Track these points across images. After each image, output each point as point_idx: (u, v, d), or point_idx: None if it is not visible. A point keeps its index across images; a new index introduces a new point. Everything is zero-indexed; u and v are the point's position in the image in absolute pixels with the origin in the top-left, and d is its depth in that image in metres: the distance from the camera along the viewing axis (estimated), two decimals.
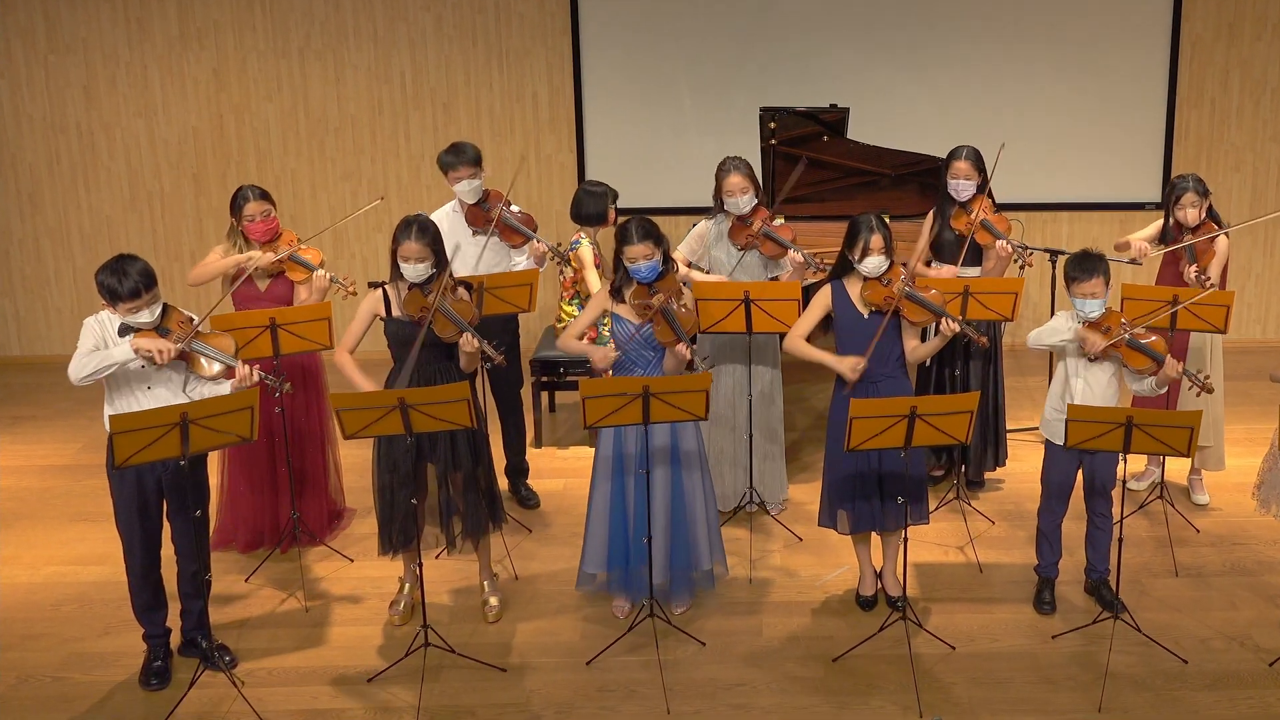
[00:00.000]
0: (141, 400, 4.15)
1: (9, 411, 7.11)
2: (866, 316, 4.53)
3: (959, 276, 5.26)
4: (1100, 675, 4.28)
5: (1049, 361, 4.56)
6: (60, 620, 4.83)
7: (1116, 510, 4.55)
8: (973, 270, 5.39)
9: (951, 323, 4.45)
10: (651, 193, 7.42)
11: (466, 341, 4.37)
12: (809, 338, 4.72)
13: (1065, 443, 4.29)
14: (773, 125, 6.31)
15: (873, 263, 4.48)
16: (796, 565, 5.13)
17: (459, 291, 4.48)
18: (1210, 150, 7.54)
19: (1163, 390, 4.49)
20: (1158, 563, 5.08)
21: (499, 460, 5.39)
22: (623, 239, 4.46)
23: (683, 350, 4.39)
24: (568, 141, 7.60)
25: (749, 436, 5.30)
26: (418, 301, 4.41)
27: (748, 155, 5.35)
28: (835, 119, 6.42)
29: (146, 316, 4.07)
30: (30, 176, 7.68)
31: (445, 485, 4.59)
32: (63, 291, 7.88)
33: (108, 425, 3.93)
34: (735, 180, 5.16)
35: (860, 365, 4.45)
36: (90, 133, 7.61)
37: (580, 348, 4.63)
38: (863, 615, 4.73)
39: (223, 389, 4.18)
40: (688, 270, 5.26)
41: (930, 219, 5.51)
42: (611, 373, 4.67)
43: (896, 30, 7.37)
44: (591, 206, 5.83)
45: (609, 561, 4.67)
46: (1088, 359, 4.44)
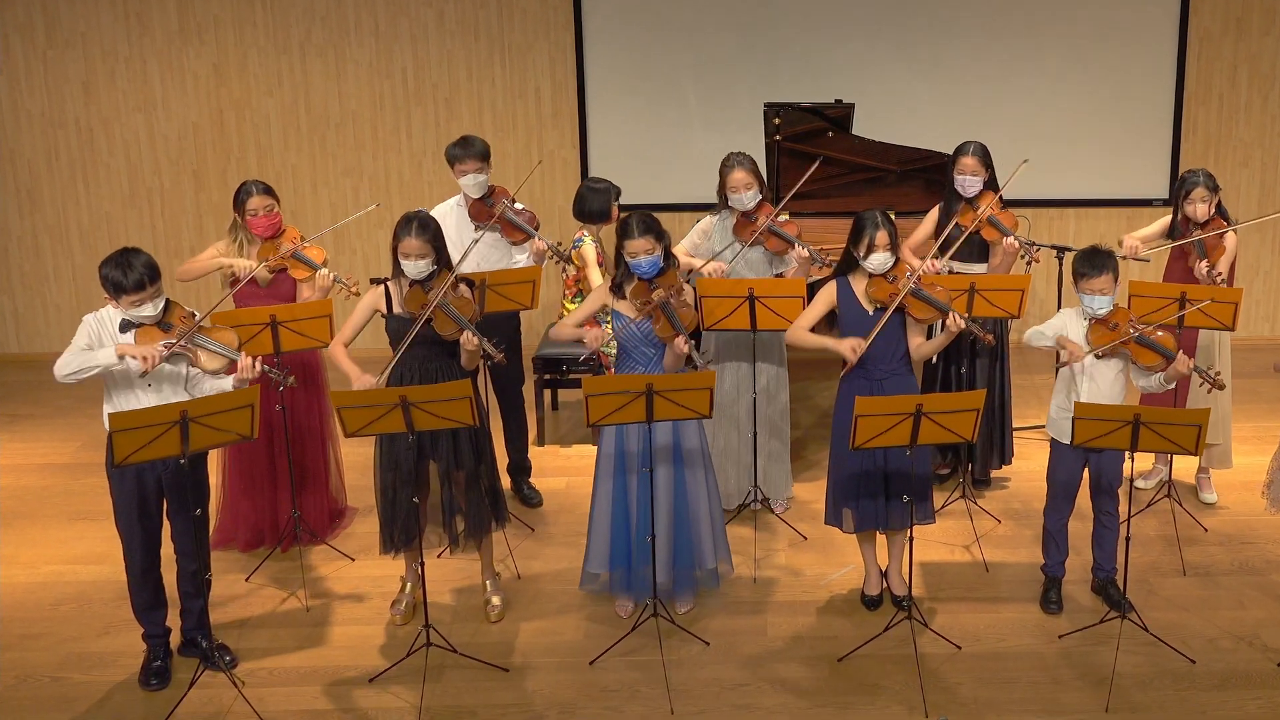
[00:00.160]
0: (141, 398, 4.14)
1: (7, 409, 7.10)
2: (871, 313, 4.52)
3: (964, 273, 5.24)
4: (1107, 675, 4.27)
5: (1055, 359, 4.53)
6: (59, 620, 4.82)
7: (1124, 509, 4.55)
8: (979, 267, 5.38)
9: (958, 319, 4.42)
10: (655, 189, 7.39)
11: (467, 339, 4.35)
12: (815, 332, 4.68)
13: (1072, 441, 4.27)
14: (777, 121, 6.31)
15: (878, 259, 4.47)
16: (801, 564, 5.12)
17: (460, 289, 4.48)
18: (1218, 146, 7.51)
19: (1170, 386, 4.47)
20: (1165, 562, 5.06)
21: (501, 459, 5.37)
22: (624, 234, 4.45)
23: (681, 344, 4.37)
24: (570, 137, 7.59)
25: (753, 434, 5.28)
26: (419, 298, 4.40)
27: (752, 151, 5.35)
28: (840, 114, 6.43)
29: (149, 310, 4.07)
30: (29, 173, 7.66)
31: (447, 484, 4.58)
32: (61, 288, 7.86)
33: (107, 423, 3.93)
34: (739, 176, 5.15)
35: (861, 346, 4.42)
36: (89, 128, 7.59)
37: (574, 333, 4.62)
38: (868, 615, 4.72)
39: (224, 384, 4.17)
40: (693, 260, 5.23)
41: (934, 214, 5.48)
42: (613, 370, 4.64)
43: (902, 24, 7.34)
44: (594, 203, 5.81)
45: (612, 561, 4.66)
46: (1058, 365, 4.44)
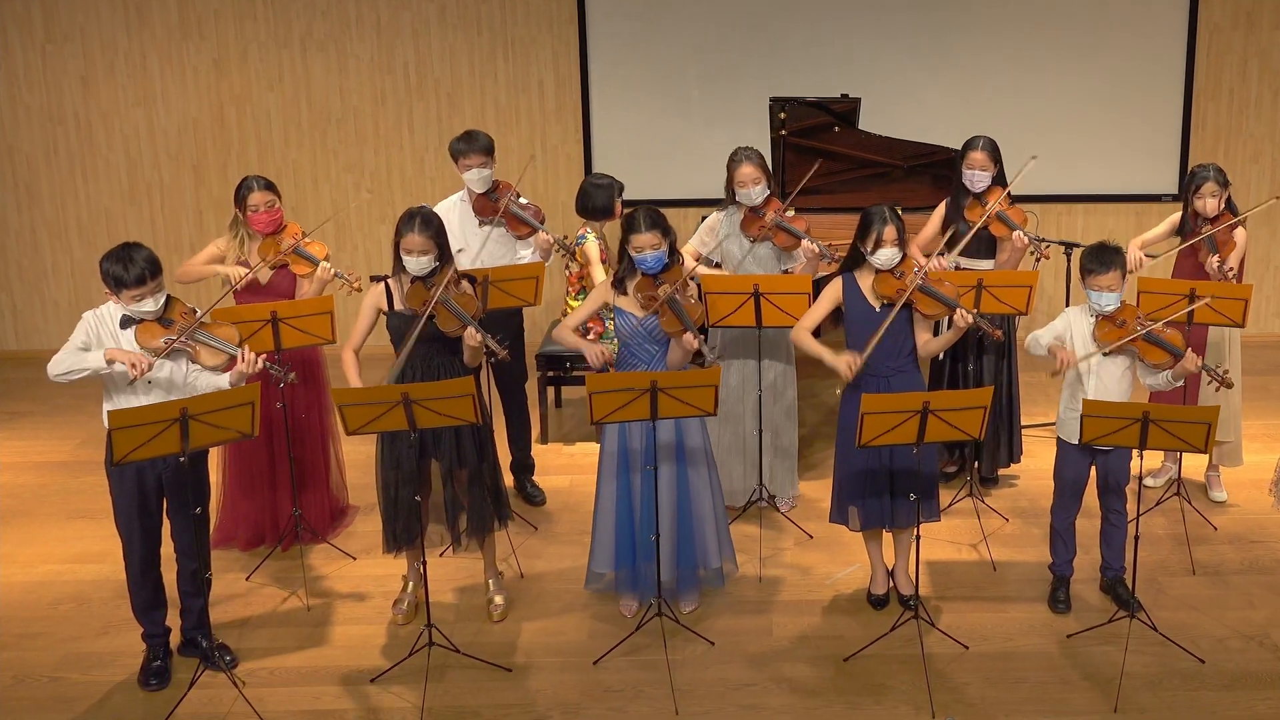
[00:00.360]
0: (141, 396, 4.12)
1: (6, 407, 7.08)
2: (878, 309, 4.49)
3: (970, 269, 5.21)
4: (1116, 675, 4.25)
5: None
6: (58, 619, 4.80)
7: (1132, 507, 4.53)
8: (986, 263, 5.35)
9: (966, 314, 4.40)
10: (659, 184, 7.38)
11: (470, 336, 4.33)
12: (819, 330, 4.67)
13: (1080, 439, 4.25)
14: (783, 116, 6.30)
15: (885, 254, 4.44)
16: (807, 563, 5.10)
17: (462, 285, 4.46)
18: (1228, 141, 7.48)
19: (1179, 383, 4.45)
20: (1174, 561, 5.04)
21: (504, 457, 5.35)
22: (630, 228, 4.43)
23: (690, 340, 4.34)
24: (574, 132, 7.56)
25: (758, 432, 5.25)
26: (420, 295, 4.38)
27: (758, 146, 5.31)
28: (847, 109, 6.42)
29: (150, 305, 4.06)
30: (27, 167, 7.64)
31: (449, 482, 4.56)
32: (60, 284, 7.84)
33: (106, 421, 3.92)
34: (747, 171, 5.12)
35: (857, 363, 4.39)
36: (88, 123, 7.57)
37: (576, 343, 4.60)
38: (874, 614, 4.70)
39: (221, 381, 4.16)
40: (694, 265, 5.19)
41: (942, 210, 5.44)
42: (615, 368, 4.62)
43: (909, 18, 7.32)
44: (597, 200, 5.80)
45: (616, 560, 4.65)
46: (1050, 373, 4.42)
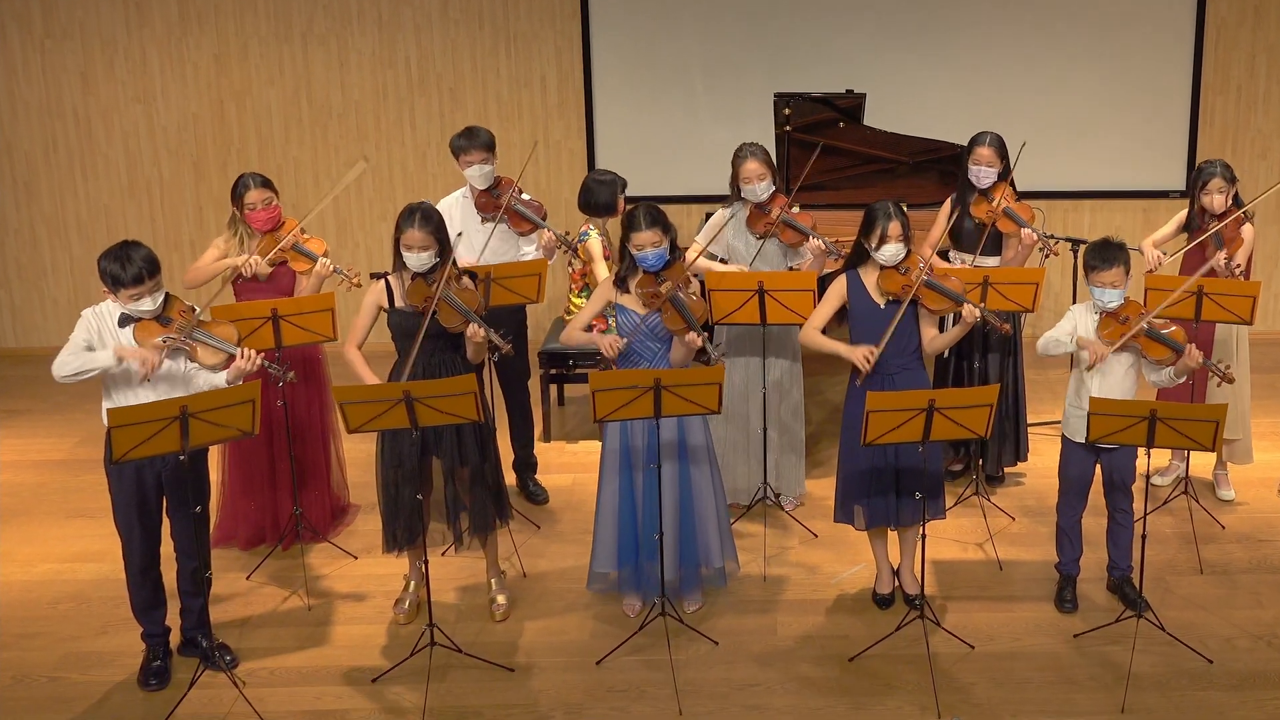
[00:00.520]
0: (140, 393, 4.10)
1: (4, 405, 7.06)
2: (883, 306, 4.47)
3: (976, 266, 5.18)
4: (1123, 675, 4.23)
5: (1070, 362, 4.48)
6: (57, 619, 4.79)
7: (1139, 506, 4.52)
8: (992, 260, 5.33)
9: (974, 309, 4.38)
10: (663, 180, 7.35)
11: (473, 331, 4.32)
12: (825, 329, 4.65)
13: (1086, 437, 4.22)
14: (787, 111, 6.28)
15: (890, 251, 4.41)
16: (812, 562, 5.07)
17: (463, 280, 4.44)
18: (1236, 137, 7.45)
19: (1181, 380, 4.43)
20: (1182, 560, 5.02)
21: (506, 455, 5.33)
22: (630, 225, 4.41)
23: (693, 337, 4.32)
24: (577, 128, 7.54)
25: (763, 430, 5.22)
26: (421, 291, 4.35)
27: (762, 142, 5.29)
28: (852, 105, 6.40)
29: (149, 304, 4.04)
30: (26, 164, 7.62)
31: (451, 481, 4.54)
32: (59, 282, 7.82)
33: (105, 419, 3.91)
34: (752, 167, 5.11)
35: (874, 354, 4.37)
36: (88, 119, 7.54)
37: (586, 338, 4.58)
38: (879, 614, 4.67)
39: (219, 379, 4.14)
40: (704, 260, 5.16)
41: (947, 207, 5.42)
42: (617, 366, 4.60)
43: (915, 13, 7.29)
44: (600, 196, 5.77)
45: (619, 559, 4.63)
46: (1084, 368, 4.38)
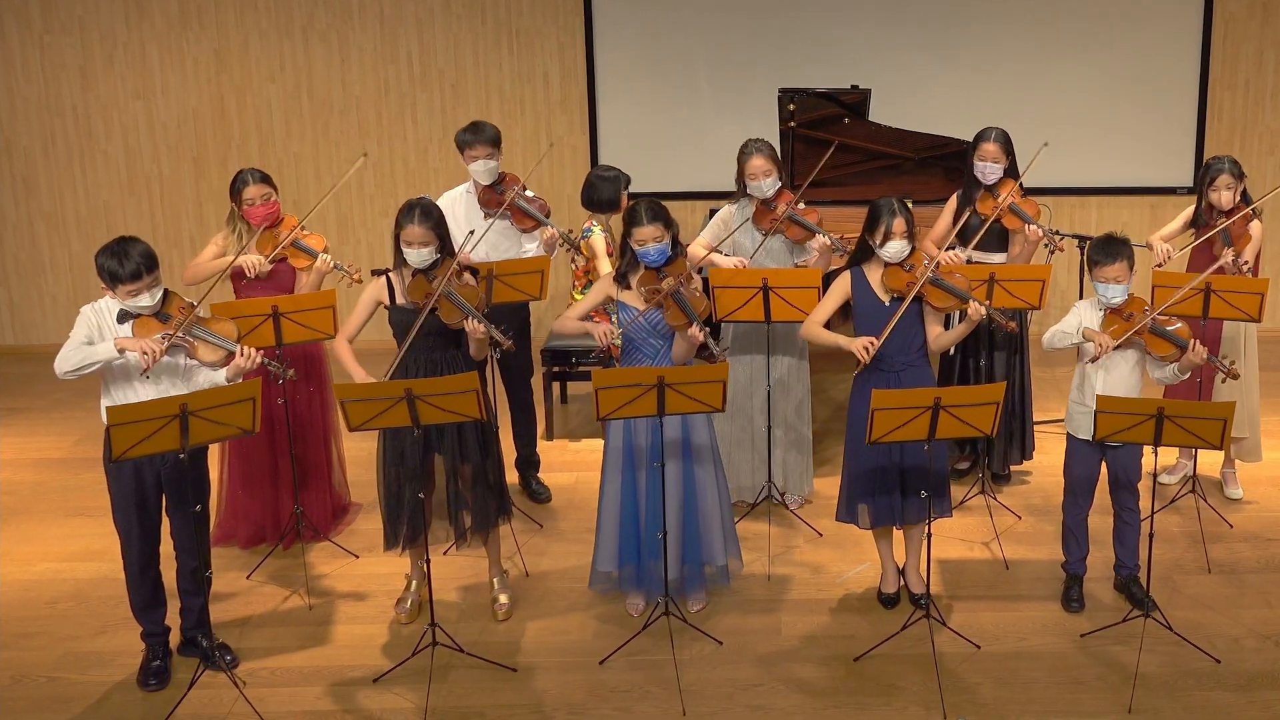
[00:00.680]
0: (140, 391, 4.08)
1: (3, 403, 7.05)
2: (887, 303, 4.45)
3: (982, 263, 5.16)
4: (1130, 675, 4.21)
5: (1077, 351, 4.46)
6: (56, 618, 4.77)
7: (1146, 505, 4.49)
8: (998, 257, 5.31)
9: (979, 306, 4.35)
10: (666, 177, 7.35)
11: (474, 328, 4.29)
12: (828, 325, 4.63)
13: (1094, 435, 4.20)
14: (792, 107, 6.26)
15: (894, 247, 4.39)
16: (817, 561, 5.05)
17: (465, 276, 4.41)
18: (1244, 133, 7.43)
19: (1185, 376, 4.42)
20: (1189, 559, 5.00)
21: (508, 453, 5.31)
22: (631, 221, 4.39)
23: (695, 333, 4.30)
24: (580, 123, 7.52)
25: (767, 428, 5.20)
26: (422, 288, 4.33)
27: (766, 138, 5.26)
28: (857, 100, 6.38)
29: (147, 300, 4.02)
30: (25, 160, 7.60)
31: (453, 479, 4.52)
32: (58, 278, 7.80)
33: (105, 417, 3.89)
34: (758, 163, 5.08)
35: (874, 345, 4.35)
36: (87, 115, 7.53)
37: (579, 327, 4.53)
38: (885, 613, 4.65)
39: (218, 377, 4.12)
40: (711, 254, 5.12)
41: (953, 203, 5.39)
42: (619, 363, 4.58)
43: (920, 8, 7.28)
44: (603, 193, 5.75)
45: (621, 558, 4.61)
46: (1091, 360, 4.36)
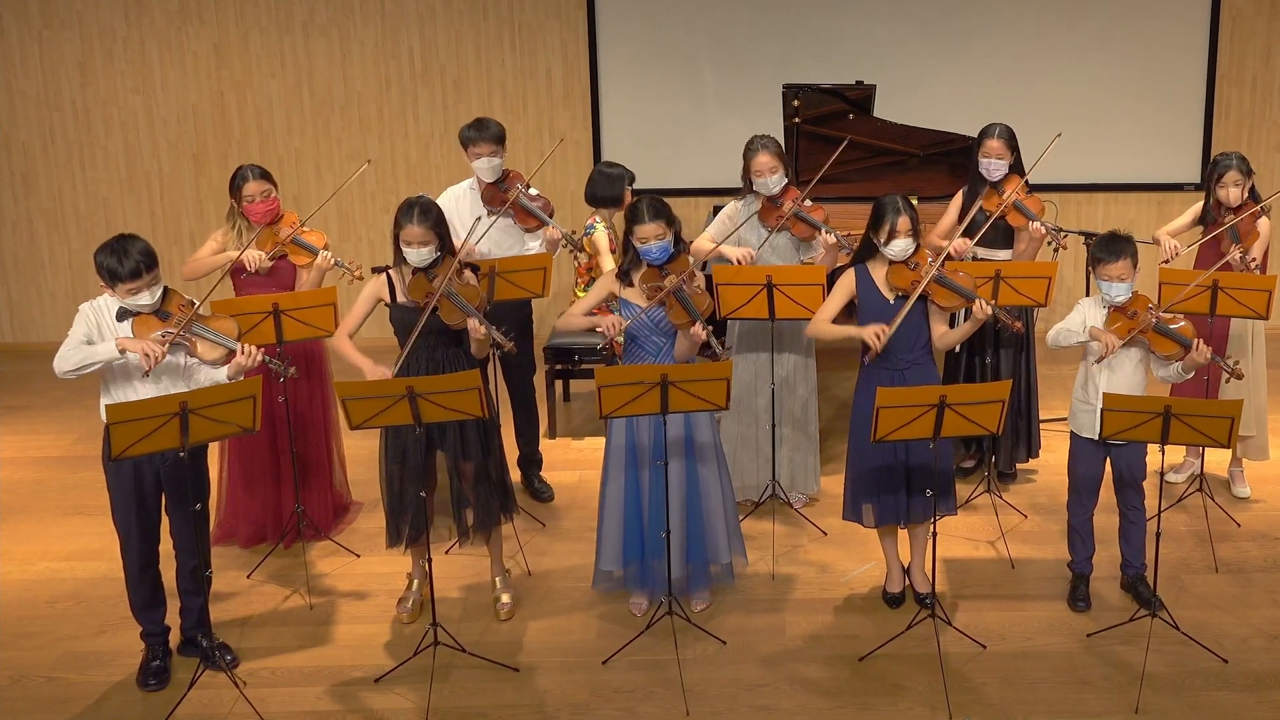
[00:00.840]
0: (139, 389, 4.06)
1: (2, 401, 7.03)
2: (892, 301, 4.43)
3: (987, 260, 5.14)
4: (1137, 675, 4.19)
5: (1083, 349, 4.44)
6: (55, 618, 4.75)
7: (1154, 504, 4.47)
8: (1003, 254, 5.30)
9: (985, 306, 4.33)
10: (670, 173, 7.33)
11: (475, 328, 4.25)
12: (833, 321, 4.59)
13: (1100, 434, 4.18)
14: (796, 103, 6.24)
15: (899, 245, 4.37)
16: (821, 561, 5.03)
17: (465, 275, 4.38)
18: (1252, 129, 7.40)
19: (1189, 375, 4.40)
20: (1197, 558, 4.98)
21: (511, 451, 5.28)
22: (633, 218, 4.37)
23: (698, 331, 4.27)
24: (583, 120, 7.50)
25: (771, 427, 5.18)
26: (423, 287, 4.30)
27: (771, 133, 5.24)
28: (861, 96, 6.36)
29: (147, 299, 4.00)
30: (24, 156, 7.58)
31: (456, 477, 4.51)
32: (57, 275, 7.78)
33: (104, 415, 3.88)
34: (764, 159, 5.06)
35: (885, 332, 4.33)
36: (86, 111, 7.51)
37: (585, 322, 4.50)
38: (890, 613, 4.63)
39: (219, 375, 4.10)
40: (725, 247, 5.10)
41: (958, 200, 5.37)
42: (621, 360, 4.56)
43: (926, 3, 7.25)
44: (607, 189, 5.72)
45: (625, 557, 4.59)
46: (1094, 361, 4.34)
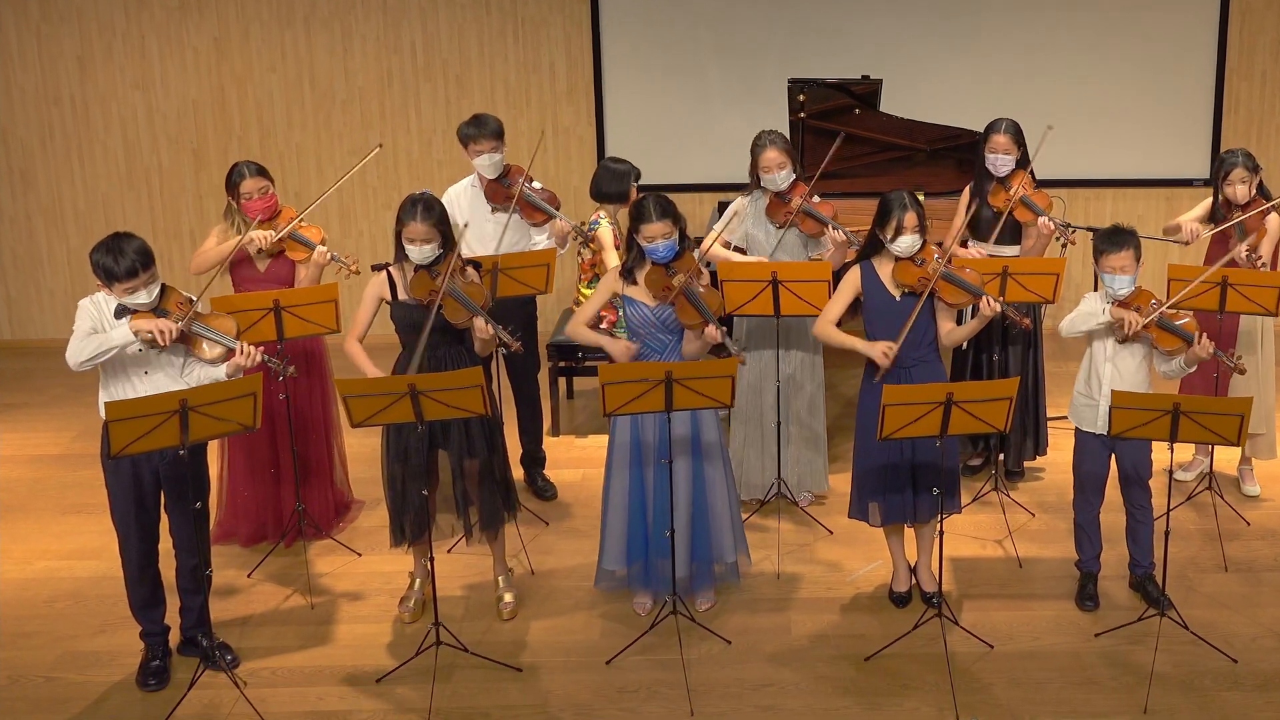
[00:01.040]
0: (138, 386, 4.05)
1: (0, 399, 7.00)
2: (899, 298, 4.40)
3: (995, 256, 5.12)
4: (1145, 675, 4.18)
5: (1088, 340, 4.44)
6: (54, 617, 4.74)
7: (1162, 502, 4.43)
8: (1011, 250, 5.27)
9: (993, 303, 4.30)
10: (674, 168, 7.30)
11: (480, 328, 4.22)
12: (839, 321, 4.58)
13: (1109, 431, 4.16)
14: (802, 98, 6.22)
15: (905, 242, 4.35)
16: (827, 559, 5.01)
17: (468, 272, 4.35)
18: (1261, 124, 7.37)
19: (1191, 369, 4.38)
20: (1206, 557, 4.96)
21: (514, 449, 5.29)
22: (639, 217, 4.33)
23: (713, 333, 4.25)
24: (587, 114, 7.47)
25: (776, 425, 5.14)
26: (425, 284, 4.27)
27: (776, 129, 5.20)
28: (867, 91, 6.34)
29: (144, 297, 3.98)
30: (22, 152, 7.55)
31: (459, 475, 4.48)
32: (56, 272, 7.76)
33: (103, 413, 3.87)
34: (772, 155, 5.03)
35: (893, 350, 4.31)
36: (85, 106, 7.47)
37: (596, 339, 4.51)
38: (896, 612, 4.62)
39: (218, 373, 4.08)
40: (719, 249, 5.07)
41: (966, 196, 5.35)
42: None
43: None
44: (612, 185, 5.69)
45: (629, 556, 4.57)
46: (1117, 340, 4.32)
